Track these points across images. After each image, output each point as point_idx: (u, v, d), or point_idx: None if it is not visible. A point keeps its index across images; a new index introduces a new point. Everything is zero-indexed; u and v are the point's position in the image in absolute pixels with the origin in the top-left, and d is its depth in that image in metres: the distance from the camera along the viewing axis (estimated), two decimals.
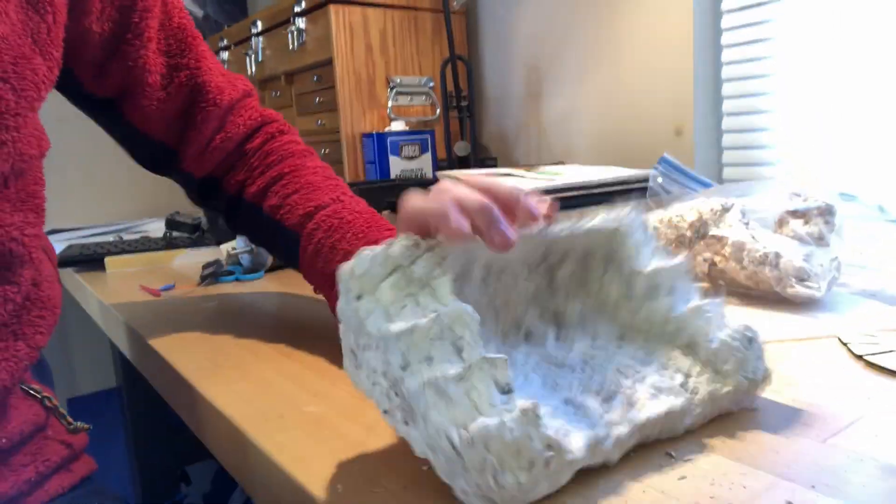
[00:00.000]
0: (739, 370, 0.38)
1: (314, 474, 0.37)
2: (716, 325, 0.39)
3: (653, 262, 0.41)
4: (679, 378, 0.38)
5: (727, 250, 0.63)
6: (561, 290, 0.41)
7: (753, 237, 0.62)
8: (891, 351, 0.48)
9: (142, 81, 0.58)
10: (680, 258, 0.41)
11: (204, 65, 0.62)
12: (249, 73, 1.54)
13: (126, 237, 1.28)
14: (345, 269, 0.34)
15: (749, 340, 0.39)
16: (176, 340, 0.66)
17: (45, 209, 0.51)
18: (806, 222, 0.63)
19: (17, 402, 0.52)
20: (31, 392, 0.55)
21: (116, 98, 0.60)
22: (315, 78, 1.35)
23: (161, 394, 0.65)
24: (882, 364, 0.46)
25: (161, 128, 0.61)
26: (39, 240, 0.50)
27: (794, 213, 0.64)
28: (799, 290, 0.59)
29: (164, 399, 0.64)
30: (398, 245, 0.34)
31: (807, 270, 0.59)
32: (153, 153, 0.63)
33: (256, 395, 0.50)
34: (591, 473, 0.34)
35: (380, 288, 0.33)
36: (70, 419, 0.57)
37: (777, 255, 0.60)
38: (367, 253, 0.34)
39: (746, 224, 0.64)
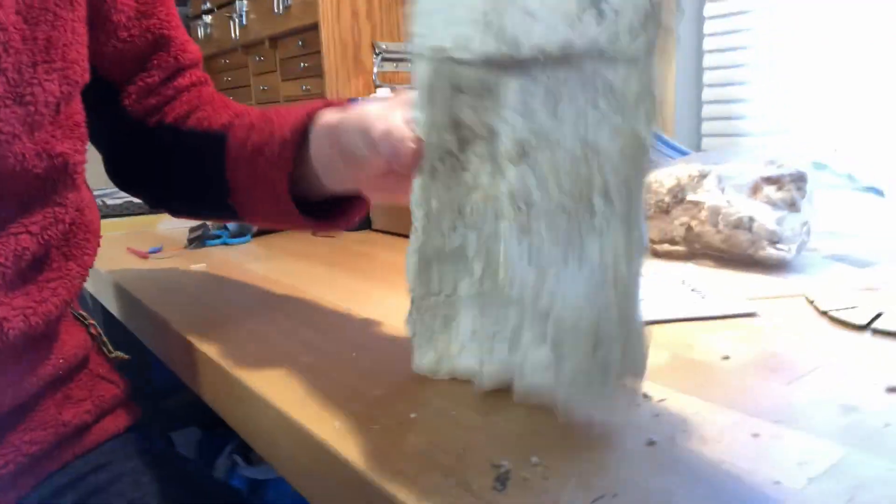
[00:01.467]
0: None
1: (312, 415, 0.39)
2: None
3: None
4: None
5: (703, 214, 0.66)
6: None
7: (729, 202, 0.65)
8: (853, 307, 0.51)
9: (106, 18, 0.58)
10: None
11: (174, 20, 0.63)
12: (233, 36, 1.53)
13: (109, 202, 1.28)
14: None
15: None
16: (167, 300, 0.67)
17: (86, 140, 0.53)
18: (779, 189, 0.66)
19: (67, 327, 0.55)
20: (79, 317, 0.58)
21: None
22: (300, 43, 1.35)
23: (153, 350, 0.67)
24: (844, 318, 0.49)
25: (111, 67, 0.60)
26: (82, 167, 0.52)
27: (768, 180, 0.66)
28: (770, 252, 0.62)
29: (157, 355, 0.66)
30: None
31: (779, 234, 0.62)
32: (92, 86, 0.57)
33: (250, 348, 0.51)
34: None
35: None
36: (111, 347, 0.61)
37: (751, 219, 0.63)
38: None
39: (722, 190, 0.67)
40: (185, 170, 0.62)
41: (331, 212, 0.57)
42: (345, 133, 0.47)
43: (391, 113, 0.44)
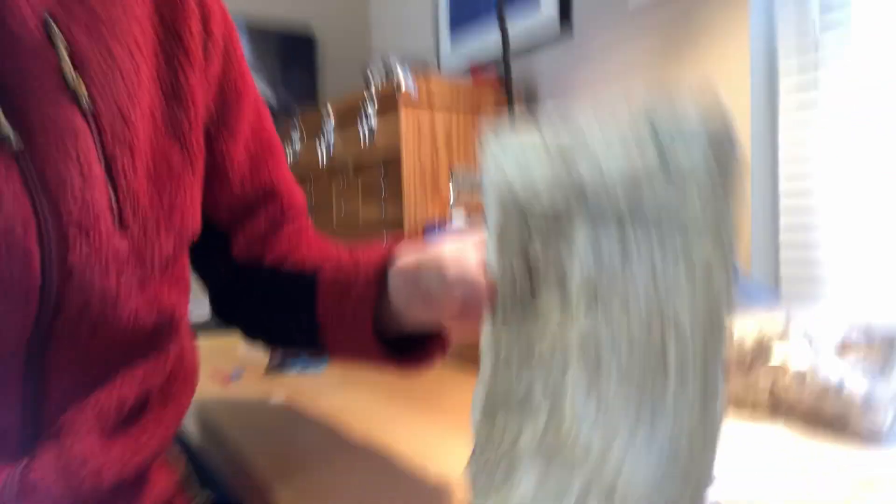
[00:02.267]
0: None
1: None
2: None
3: None
4: None
5: (789, 375, 0.64)
6: None
7: (816, 364, 0.63)
8: None
9: (222, 173, 0.62)
10: None
11: (283, 173, 0.68)
12: (320, 161, 1.63)
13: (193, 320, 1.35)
14: None
15: None
16: (250, 437, 0.70)
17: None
18: (869, 350, 0.63)
19: (157, 468, 0.57)
20: (171, 459, 0.61)
21: None
22: (382, 169, 1.43)
23: (229, 486, 0.68)
24: None
25: (223, 216, 0.65)
26: (186, 317, 0.56)
27: (857, 341, 0.64)
28: (864, 422, 0.59)
29: (235, 494, 0.67)
30: None
31: (871, 401, 0.59)
32: (204, 231, 0.61)
33: (329, 501, 0.52)
34: None
35: None
36: (196, 489, 0.62)
37: (840, 385, 0.60)
38: None
39: (809, 348, 0.65)
40: (279, 308, 0.65)
41: (414, 349, 0.58)
42: (422, 274, 0.49)
43: (465, 254, 0.46)
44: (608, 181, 0.35)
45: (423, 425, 0.71)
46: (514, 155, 0.40)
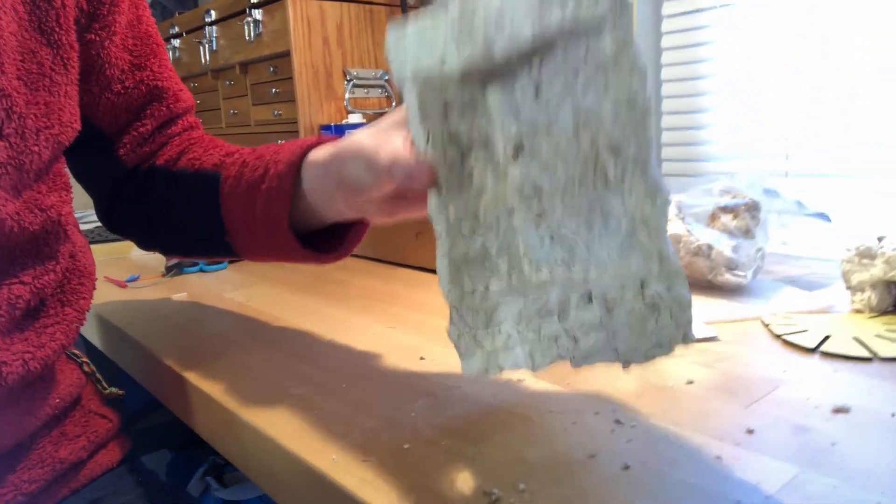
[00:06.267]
0: None
1: (309, 448, 0.41)
2: None
3: None
4: None
5: None
6: None
7: (689, 230, 0.69)
8: (804, 331, 0.55)
9: (100, 73, 0.59)
10: None
11: (166, 71, 0.65)
12: (203, 61, 1.54)
13: (81, 228, 1.28)
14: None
15: None
16: (154, 333, 0.69)
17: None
18: (735, 217, 0.70)
19: (62, 366, 0.57)
20: (71, 356, 0.61)
21: None
22: (271, 69, 1.37)
23: (144, 385, 0.68)
24: (796, 342, 0.53)
25: (105, 118, 0.62)
26: (72, 216, 0.54)
27: (725, 209, 0.71)
28: (728, 278, 0.66)
29: (147, 388, 0.67)
30: None
31: (735, 260, 0.67)
32: (87, 136, 0.59)
33: (243, 381, 0.54)
34: (553, 441, 0.40)
35: None
36: (105, 384, 0.62)
37: (709, 247, 0.67)
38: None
39: (683, 219, 0.71)
40: (178, 211, 0.63)
41: (329, 242, 0.58)
42: (344, 164, 0.48)
43: (388, 138, 0.45)
44: (511, 29, 0.37)
45: (329, 310, 0.73)
46: (416, 40, 0.41)
